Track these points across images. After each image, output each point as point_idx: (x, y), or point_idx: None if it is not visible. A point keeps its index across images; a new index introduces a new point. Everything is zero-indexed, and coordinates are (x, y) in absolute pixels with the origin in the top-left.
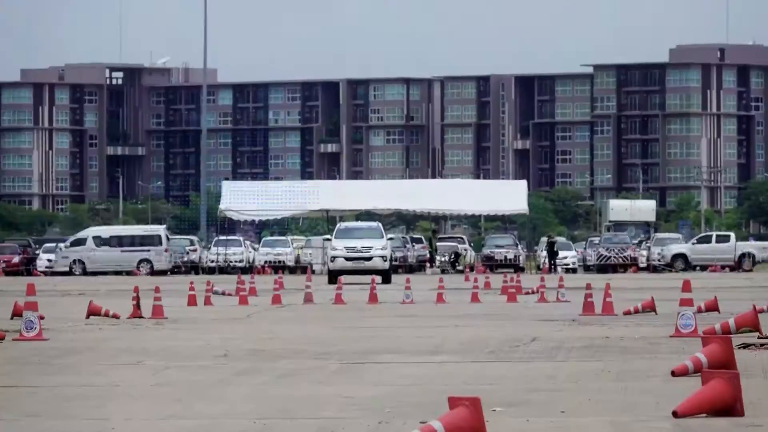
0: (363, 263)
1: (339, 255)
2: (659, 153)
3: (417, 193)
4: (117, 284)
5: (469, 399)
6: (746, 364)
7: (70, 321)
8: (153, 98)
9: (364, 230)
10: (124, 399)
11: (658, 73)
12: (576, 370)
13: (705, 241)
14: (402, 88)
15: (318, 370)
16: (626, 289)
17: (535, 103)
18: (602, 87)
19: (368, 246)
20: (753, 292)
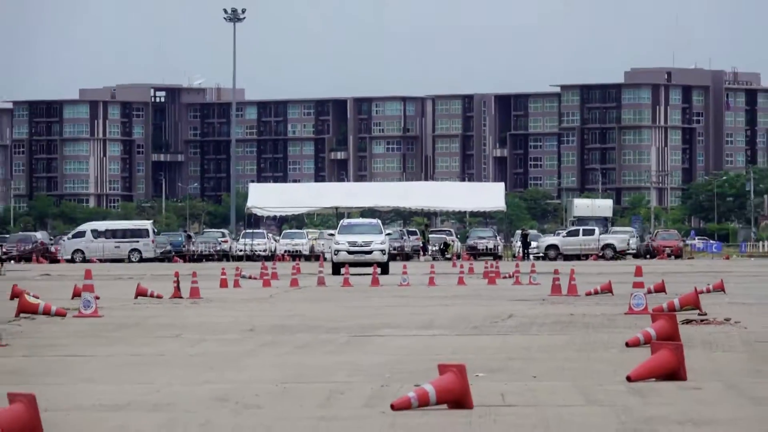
0: (364, 256)
1: (342, 249)
2: (616, 159)
3: (412, 193)
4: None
5: (455, 366)
6: (688, 337)
7: (121, 301)
8: (190, 113)
9: (365, 226)
10: (166, 366)
11: (615, 91)
12: (546, 342)
13: (574, 235)
14: (399, 105)
15: (329, 342)
16: (588, 274)
17: (512, 118)
18: (568, 104)
19: (368, 241)
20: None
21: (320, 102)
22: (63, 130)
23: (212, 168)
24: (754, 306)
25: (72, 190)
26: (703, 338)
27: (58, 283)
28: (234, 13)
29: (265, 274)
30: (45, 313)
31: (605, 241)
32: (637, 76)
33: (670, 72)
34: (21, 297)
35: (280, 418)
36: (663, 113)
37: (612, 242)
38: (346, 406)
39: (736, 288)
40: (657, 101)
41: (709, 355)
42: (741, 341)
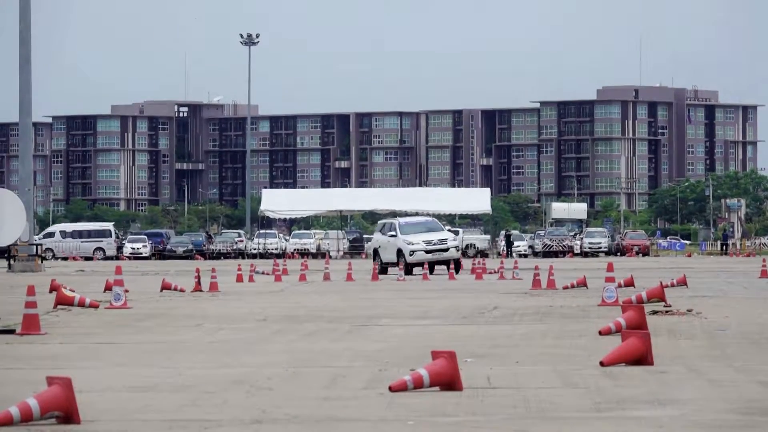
0: (441, 254)
1: (419, 248)
2: (589, 168)
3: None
4: (183, 266)
5: (447, 352)
6: (655, 326)
7: (148, 294)
8: (210, 127)
9: (428, 224)
10: (188, 352)
11: (588, 107)
12: (527, 330)
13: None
14: (396, 119)
15: (333, 331)
16: (565, 269)
17: (496, 131)
18: (547, 118)
19: (443, 239)
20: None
21: (326, 116)
22: (96, 141)
23: (229, 175)
24: (713, 298)
25: (104, 195)
26: (668, 327)
27: (92, 278)
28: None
29: (277, 270)
30: (80, 305)
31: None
32: (608, 93)
33: (638, 89)
34: (58, 290)
35: (289, 398)
36: (631, 126)
37: (474, 242)
38: (348, 387)
39: (697, 282)
40: (626, 116)
41: (673, 343)
42: (702, 330)
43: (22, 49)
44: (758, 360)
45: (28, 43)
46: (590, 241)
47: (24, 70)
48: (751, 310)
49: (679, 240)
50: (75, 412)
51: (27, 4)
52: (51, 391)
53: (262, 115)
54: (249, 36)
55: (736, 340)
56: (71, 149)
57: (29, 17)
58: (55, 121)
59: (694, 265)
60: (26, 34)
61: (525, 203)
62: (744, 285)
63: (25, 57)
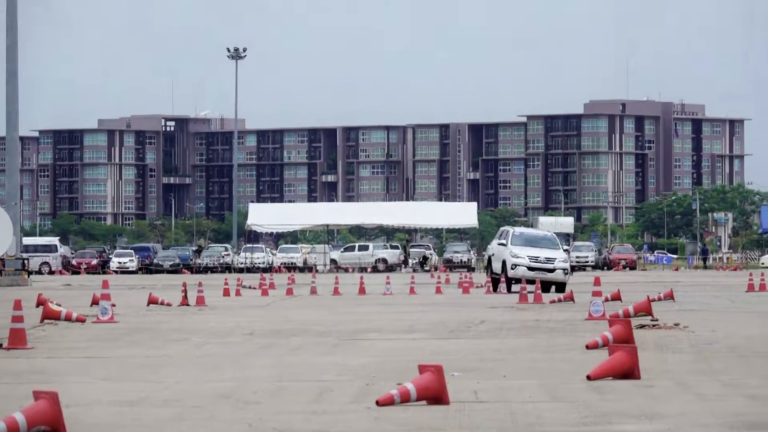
0: (546, 274)
1: (522, 263)
2: (576, 181)
3: (394, 212)
4: (170, 280)
5: (434, 366)
6: (642, 340)
7: (134, 308)
8: (197, 141)
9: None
10: (175, 366)
11: (576, 121)
12: (514, 344)
13: (350, 250)
14: (383, 133)
15: (320, 345)
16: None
17: (483, 144)
18: (533, 132)
19: (552, 257)
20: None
21: (313, 131)
22: (83, 155)
23: (216, 190)
24: (700, 312)
25: (91, 209)
26: (655, 341)
27: (79, 292)
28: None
29: (264, 284)
30: (67, 319)
31: (377, 256)
32: (595, 107)
33: (625, 103)
34: (45, 305)
35: (277, 412)
36: (618, 140)
37: (384, 257)
38: (336, 401)
39: (684, 296)
40: (613, 130)
41: (660, 357)
42: (689, 344)
43: (9, 63)
44: (745, 374)
45: (15, 57)
46: (577, 255)
47: (11, 84)
48: (738, 324)
49: (666, 254)
50: (62, 427)
51: (14, 19)
52: (38, 405)
53: (249, 129)
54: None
55: (723, 354)
56: (58, 163)
57: (16, 32)
58: (41, 135)
59: (681, 279)
60: (13, 50)
61: (512, 217)
62: (731, 299)
63: (12, 71)
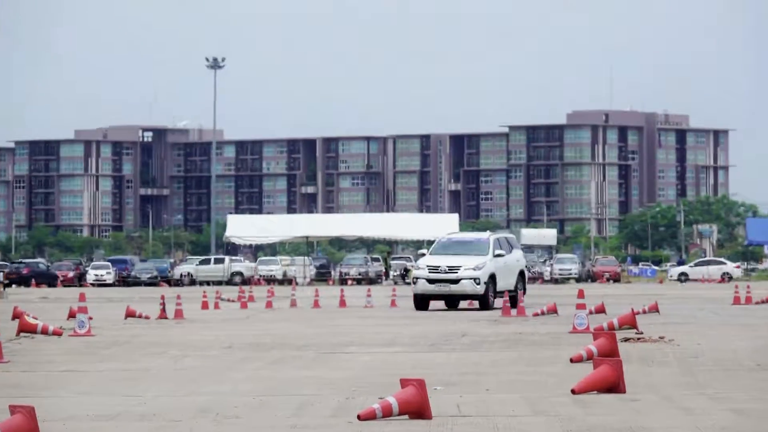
0: (448, 286)
1: (421, 276)
2: (559, 193)
3: (375, 224)
4: (147, 293)
5: (416, 380)
6: (627, 354)
7: (112, 321)
8: (175, 152)
9: (471, 245)
10: (153, 380)
11: (558, 131)
12: (497, 358)
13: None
14: (364, 144)
15: (300, 358)
16: (535, 296)
17: (465, 155)
18: (515, 143)
19: (456, 266)
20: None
21: (292, 141)
22: (60, 166)
23: (194, 201)
24: (685, 325)
25: (67, 221)
26: (640, 354)
27: (56, 305)
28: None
29: (243, 297)
30: (43, 332)
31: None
32: (578, 117)
33: (608, 114)
34: (21, 318)
35: (257, 427)
36: (601, 151)
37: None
38: (316, 415)
39: (669, 309)
40: (596, 140)
41: (645, 370)
42: (674, 357)
43: None
44: (731, 387)
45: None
46: (560, 268)
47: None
48: (724, 337)
49: (650, 266)
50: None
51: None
52: (14, 420)
53: (228, 140)
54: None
55: (708, 367)
56: (34, 174)
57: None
58: (17, 146)
59: (666, 292)
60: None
61: (494, 229)
62: (716, 311)
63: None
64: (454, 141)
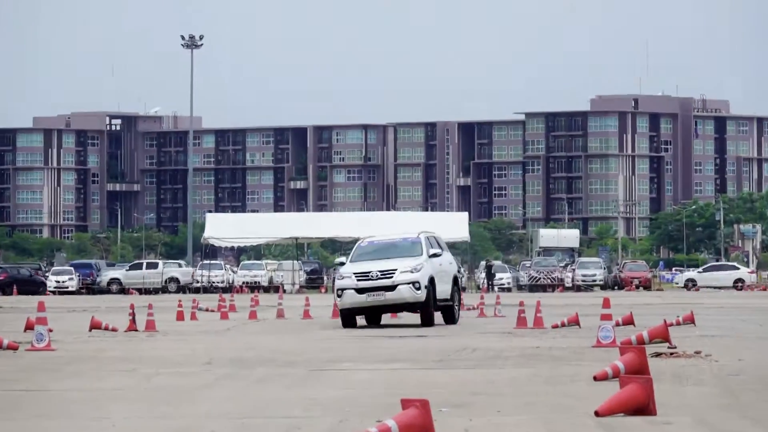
0: (382, 294)
1: (347, 286)
2: (582, 189)
3: (373, 223)
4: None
5: (419, 401)
6: (658, 371)
7: (75, 334)
8: (146, 142)
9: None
10: (121, 401)
11: (581, 119)
12: (511, 375)
13: (137, 268)
14: (360, 133)
15: (288, 375)
16: (554, 305)
17: (475, 146)
18: (533, 132)
19: (391, 269)
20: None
21: (279, 130)
22: (16, 158)
23: (169, 198)
24: (725, 338)
25: (25, 221)
26: (673, 372)
27: (11, 315)
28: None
29: (223, 307)
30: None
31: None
32: (603, 103)
33: (637, 99)
34: None
35: None
36: (630, 141)
37: (175, 275)
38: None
39: (707, 320)
40: (624, 129)
41: (679, 389)
42: (712, 375)
43: None
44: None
45: None
46: (583, 273)
47: None
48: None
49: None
50: None
51: None
52: None
53: (206, 129)
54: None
55: (751, 386)
56: None
57: None
58: None
59: (703, 301)
60: None
61: (508, 229)
62: (759, 323)
63: None
64: (463, 130)
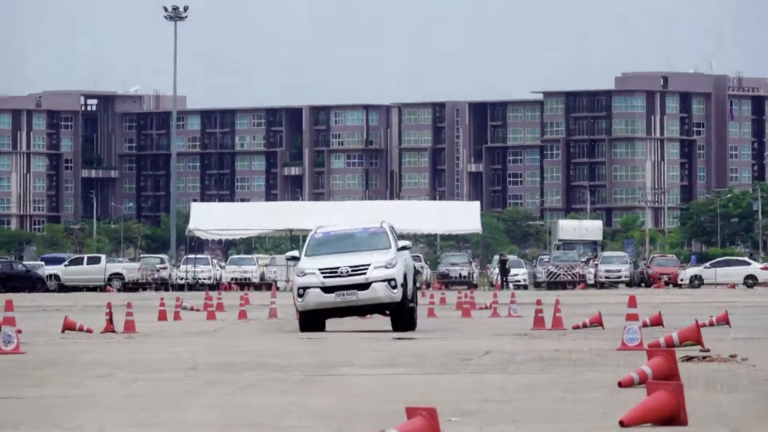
0: (354, 294)
1: (311, 284)
2: (606, 175)
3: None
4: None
5: (425, 409)
6: (689, 376)
7: (46, 335)
8: (125, 124)
9: (361, 238)
10: (97, 409)
11: (605, 99)
12: (527, 381)
13: (78, 263)
14: (361, 114)
15: (280, 381)
16: (575, 304)
17: (488, 128)
18: (551, 113)
19: (363, 264)
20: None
21: (271, 111)
22: None
23: (150, 185)
24: (763, 340)
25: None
26: (706, 377)
27: None
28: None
29: (210, 306)
30: None
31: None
32: (629, 81)
33: (667, 77)
34: None
35: None
36: (659, 123)
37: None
38: None
39: (743, 320)
40: (652, 110)
41: (712, 397)
42: (749, 381)
43: None
44: None
45: None
46: (607, 269)
47: None
48: None
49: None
50: None
51: None
52: None
53: (191, 110)
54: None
55: None
56: None
57: None
58: None
59: (739, 299)
60: None
61: (524, 220)
62: None
63: None
64: (474, 110)
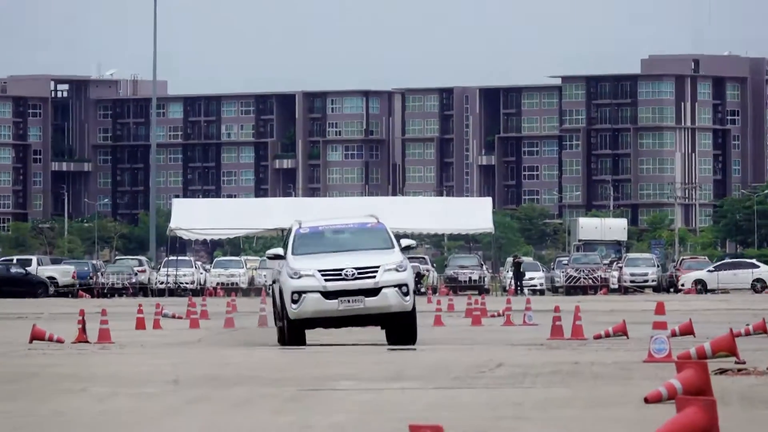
0: (361, 301)
1: (310, 287)
2: (631, 169)
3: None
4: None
5: (431, 427)
6: (723, 391)
7: (11, 346)
8: (100, 111)
9: (357, 234)
10: (68, 428)
11: (630, 84)
12: (544, 396)
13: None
14: (361, 100)
15: (273, 397)
16: (596, 311)
17: (501, 117)
18: (571, 99)
19: (371, 266)
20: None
21: (262, 97)
22: None
23: (127, 180)
24: None
25: None
26: (741, 392)
27: None
28: None
29: (193, 313)
30: None
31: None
32: (656, 65)
33: (698, 60)
34: None
35: None
36: (689, 111)
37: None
38: None
39: None
40: (682, 96)
41: (748, 414)
42: None
43: None
44: None
45: None
46: (632, 272)
47: None
48: None
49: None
50: None
51: None
52: None
53: (173, 96)
54: None
55: None
56: None
57: None
58: None
59: None
60: None
61: (541, 219)
62: None
63: None
64: (486, 96)
